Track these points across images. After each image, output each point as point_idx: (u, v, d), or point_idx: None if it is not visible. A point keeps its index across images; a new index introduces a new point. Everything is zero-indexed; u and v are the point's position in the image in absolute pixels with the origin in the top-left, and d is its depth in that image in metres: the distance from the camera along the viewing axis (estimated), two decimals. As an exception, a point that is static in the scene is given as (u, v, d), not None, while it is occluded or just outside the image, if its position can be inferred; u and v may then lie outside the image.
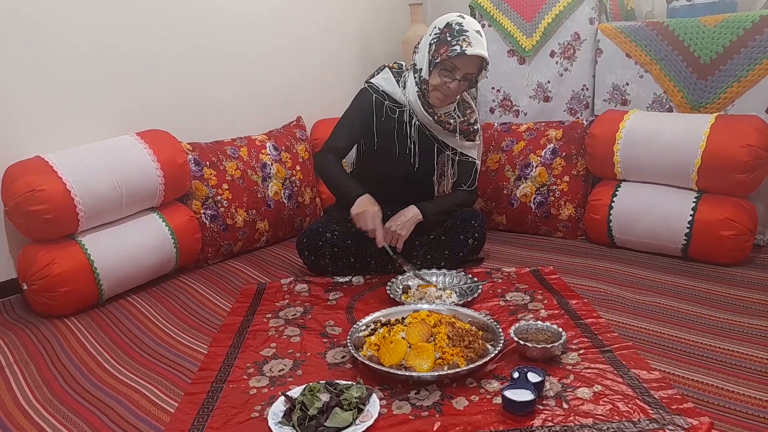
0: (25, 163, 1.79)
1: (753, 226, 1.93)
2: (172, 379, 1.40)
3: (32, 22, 1.90)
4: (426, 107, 1.87)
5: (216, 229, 2.18)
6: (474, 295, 1.72)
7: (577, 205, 2.28)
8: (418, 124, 1.92)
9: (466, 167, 2.01)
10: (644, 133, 2.06)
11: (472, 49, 1.73)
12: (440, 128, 1.92)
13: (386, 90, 1.93)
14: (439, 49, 1.78)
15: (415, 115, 1.91)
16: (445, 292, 1.74)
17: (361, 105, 1.94)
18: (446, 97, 1.85)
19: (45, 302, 1.76)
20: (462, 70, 1.79)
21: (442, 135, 1.95)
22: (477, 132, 2.00)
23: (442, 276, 1.86)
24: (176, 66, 2.30)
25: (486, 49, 1.79)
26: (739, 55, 2.05)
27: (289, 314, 1.70)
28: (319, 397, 1.18)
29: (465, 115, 1.96)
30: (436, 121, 1.89)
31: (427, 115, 1.88)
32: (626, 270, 1.94)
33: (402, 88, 1.91)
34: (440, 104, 1.88)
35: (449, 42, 1.75)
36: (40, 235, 1.79)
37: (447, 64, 1.78)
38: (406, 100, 1.90)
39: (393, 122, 1.93)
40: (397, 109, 1.92)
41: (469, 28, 1.77)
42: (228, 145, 2.33)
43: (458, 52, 1.73)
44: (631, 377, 1.27)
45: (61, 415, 1.29)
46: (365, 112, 1.93)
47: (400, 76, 1.94)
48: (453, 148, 1.98)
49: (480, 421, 1.15)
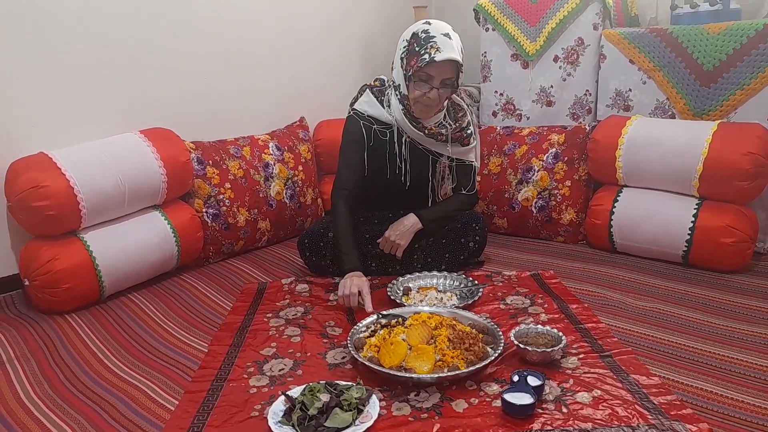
0: (28, 160, 1.79)
1: (753, 233, 1.93)
2: (173, 377, 1.40)
3: (37, 19, 1.90)
4: (413, 123, 1.83)
5: (218, 228, 2.18)
6: (474, 297, 1.72)
7: (579, 209, 2.29)
8: (409, 140, 1.88)
9: (464, 171, 1.99)
10: (646, 139, 2.07)
11: (441, 54, 1.68)
12: (433, 141, 1.88)
13: (371, 114, 1.88)
14: (410, 62, 1.73)
15: (405, 133, 1.87)
16: (445, 295, 1.75)
17: (352, 136, 1.89)
18: (429, 107, 1.80)
19: (46, 298, 1.77)
20: (437, 77, 1.72)
21: (436, 146, 1.91)
22: (471, 135, 1.95)
23: (443, 278, 1.86)
24: (181, 65, 2.31)
25: (458, 50, 1.72)
26: (742, 63, 2.05)
27: (290, 314, 1.71)
28: (319, 397, 1.18)
29: (457, 120, 1.92)
30: (427, 135, 1.84)
31: (416, 130, 1.83)
32: (627, 275, 1.94)
33: (387, 107, 1.86)
34: (426, 116, 1.83)
35: (418, 52, 1.71)
36: (43, 231, 1.79)
37: (421, 75, 1.73)
38: (393, 119, 1.85)
39: (384, 144, 1.89)
40: (387, 131, 1.87)
41: (436, 33, 1.71)
42: (231, 144, 2.34)
43: (427, 60, 1.68)
44: (630, 382, 1.28)
45: (62, 411, 1.29)
46: (358, 141, 1.88)
47: (383, 94, 1.88)
48: (449, 157, 1.95)
49: (479, 423, 1.15)
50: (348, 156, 1.91)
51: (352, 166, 1.90)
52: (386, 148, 1.89)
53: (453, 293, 1.77)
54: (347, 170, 1.90)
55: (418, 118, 1.83)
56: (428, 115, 1.84)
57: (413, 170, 1.93)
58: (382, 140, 1.89)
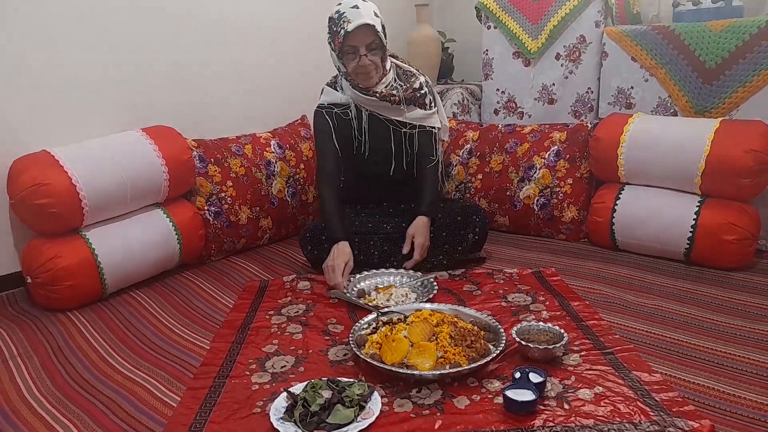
0: (31, 157, 1.80)
1: (756, 230, 1.93)
2: (175, 374, 1.41)
3: (40, 18, 1.91)
4: (364, 93, 1.92)
5: (219, 226, 2.18)
6: (430, 294, 1.72)
7: (580, 207, 2.28)
8: (368, 113, 1.96)
9: (425, 137, 2.03)
10: (648, 136, 2.07)
11: (351, 24, 1.80)
12: (387, 104, 1.94)
13: (331, 102, 2.00)
14: (334, 41, 1.87)
15: (363, 107, 1.96)
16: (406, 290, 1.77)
17: (320, 127, 2.01)
18: (368, 73, 1.89)
19: (49, 295, 1.77)
20: (360, 45, 1.84)
21: (394, 113, 1.97)
22: (426, 95, 2.01)
23: (392, 276, 1.88)
24: (183, 63, 2.31)
25: (368, 14, 1.82)
26: (744, 60, 2.05)
27: (292, 311, 1.71)
28: (321, 393, 1.18)
29: (408, 82, 1.99)
30: (380, 98, 1.92)
31: (368, 96, 1.92)
32: (628, 273, 1.94)
33: (340, 90, 1.99)
34: (370, 83, 1.92)
35: (336, 31, 1.84)
36: (45, 228, 1.79)
37: (347, 49, 1.85)
38: (348, 98, 1.96)
39: (349, 124, 1.99)
40: (348, 111, 1.98)
41: (345, 8, 1.83)
42: (233, 142, 2.34)
43: (344, 34, 1.81)
44: (632, 379, 1.28)
45: (64, 407, 1.29)
46: (326, 130, 2.00)
47: (336, 82, 2.02)
48: (410, 124, 2.00)
49: (481, 420, 1.16)
50: (321, 146, 2.03)
51: (327, 153, 2.00)
52: (352, 126, 2.00)
53: (410, 288, 1.79)
54: (323, 159, 2.02)
55: (364, 87, 1.92)
56: (372, 82, 1.92)
57: (374, 141, 2.00)
58: (345, 120, 1.99)
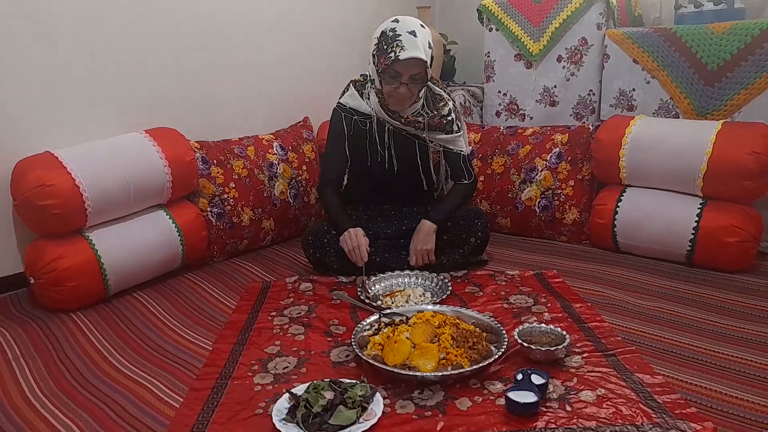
0: (34, 158, 1.80)
1: (758, 233, 1.93)
2: (177, 375, 1.41)
3: (43, 19, 1.91)
4: (389, 113, 1.91)
5: (222, 227, 2.19)
6: (443, 295, 1.73)
7: (582, 209, 2.29)
8: (392, 128, 1.95)
9: (454, 160, 2.03)
10: (650, 138, 2.07)
11: (405, 53, 1.75)
12: (412, 129, 1.94)
13: (352, 106, 1.98)
14: (380, 59, 1.81)
15: (386, 122, 1.94)
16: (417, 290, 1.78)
17: (336, 128, 2.01)
18: (401, 101, 1.87)
19: (52, 296, 1.78)
20: (405, 73, 1.80)
21: (419, 132, 1.97)
22: (453, 122, 1.99)
23: (407, 278, 1.88)
24: (186, 65, 2.32)
25: (423, 47, 1.78)
26: (746, 63, 2.05)
27: (294, 312, 1.71)
28: (323, 394, 1.18)
29: (436, 109, 1.97)
30: (404, 123, 1.92)
31: (393, 120, 1.91)
32: (630, 275, 1.94)
33: (366, 99, 1.96)
34: (401, 107, 1.90)
35: (386, 50, 1.78)
36: (48, 229, 1.80)
37: (390, 72, 1.80)
38: (372, 111, 1.94)
39: (365, 134, 1.97)
40: (367, 121, 1.96)
41: (402, 31, 1.78)
42: (235, 144, 2.35)
43: (393, 59, 1.76)
44: (634, 381, 1.28)
45: (67, 408, 1.30)
46: (340, 132, 2.00)
47: (364, 88, 1.98)
48: (433, 144, 2.00)
49: (483, 421, 1.16)
50: (330, 148, 2.04)
51: (333, 157, 2.03)
52: (367, 138, 1.97)
53: (423, 288, 1.81)
54: (331, 164, 2.05)
55: (393, 110, 1.91)
56: (403, 107, 1.91)
57: (400, 157, 1.99)
58: (363, 130, 1.98)
